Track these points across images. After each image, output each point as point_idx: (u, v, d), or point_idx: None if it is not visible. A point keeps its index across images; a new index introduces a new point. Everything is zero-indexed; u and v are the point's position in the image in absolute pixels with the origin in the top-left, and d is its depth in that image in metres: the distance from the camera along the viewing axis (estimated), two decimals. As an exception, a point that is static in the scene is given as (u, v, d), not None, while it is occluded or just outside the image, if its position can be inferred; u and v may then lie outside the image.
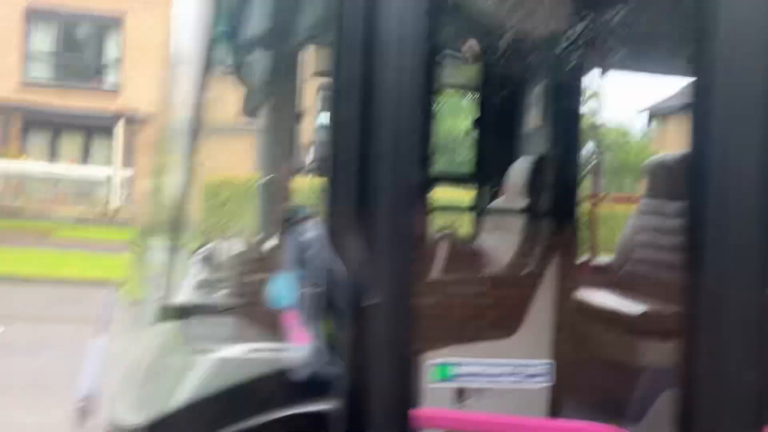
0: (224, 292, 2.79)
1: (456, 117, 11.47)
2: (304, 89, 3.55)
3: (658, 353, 2.97)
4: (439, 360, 2.38)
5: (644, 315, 3.06)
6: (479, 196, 4.01)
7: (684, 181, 3.44)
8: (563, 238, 2.94)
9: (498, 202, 3.63)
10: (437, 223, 3.72)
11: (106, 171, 22.65)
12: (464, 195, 4.24)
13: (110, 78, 24.23)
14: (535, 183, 3.07)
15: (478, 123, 4.04)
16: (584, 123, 3.47)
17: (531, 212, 3.01)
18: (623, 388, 2.99)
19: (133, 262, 3.37)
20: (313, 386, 1.76)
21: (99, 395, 2.44)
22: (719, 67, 1.77)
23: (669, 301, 3.18)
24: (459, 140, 6.26)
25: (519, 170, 3.25)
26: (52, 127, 23.55)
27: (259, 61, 3.43)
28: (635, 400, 2.95)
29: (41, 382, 6.44)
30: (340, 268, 1.71)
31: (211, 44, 2.81)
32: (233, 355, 2.13)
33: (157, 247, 2.71)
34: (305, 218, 1.92)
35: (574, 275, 2.97)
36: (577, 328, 2.89)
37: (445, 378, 2.38)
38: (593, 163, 3.80)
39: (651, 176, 3.83)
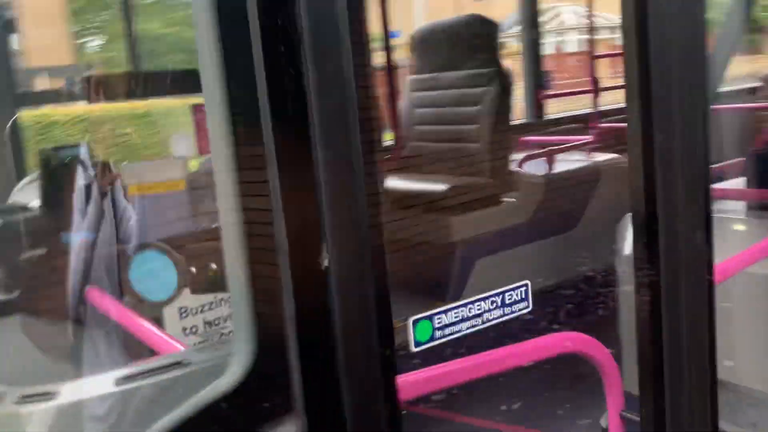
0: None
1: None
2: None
3: (466, 227, 3.23)
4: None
5: (449, 191, 3.25)
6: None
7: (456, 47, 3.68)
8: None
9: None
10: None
11: None
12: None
13: None
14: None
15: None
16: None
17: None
18: (441, 266, 3.23)
19: None
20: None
21: None
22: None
23: (464, 174, 3.46)
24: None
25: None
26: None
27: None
28: (452, 276, 3.21)
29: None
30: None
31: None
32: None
33: None
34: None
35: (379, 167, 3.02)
36: (391, 221, 3.06)
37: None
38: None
39: (418, 48, 3.86)
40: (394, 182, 3.45)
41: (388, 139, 3.94)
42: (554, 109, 5.69)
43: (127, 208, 1.93)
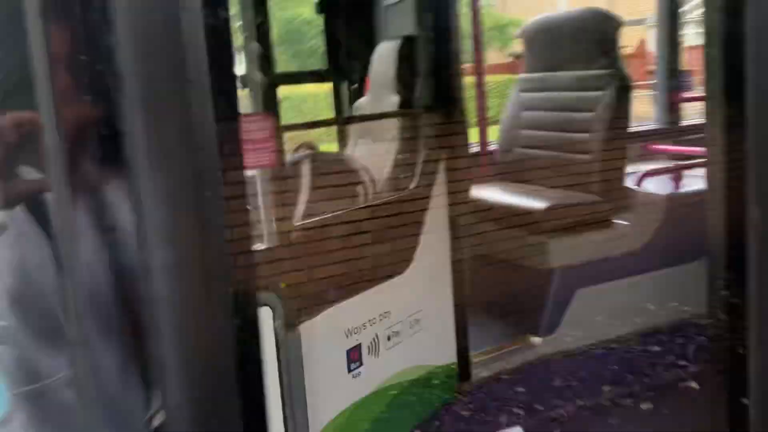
0: None
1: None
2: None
3: (566, 251, 2.83)
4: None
5: (549, 210, 2.86)
6: (337, 97, 3.28)
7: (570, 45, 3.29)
8: (450, 133, 2.45)
9: (363, 102, 3.02)
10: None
11: None
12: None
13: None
14: (405, 70, 2.51)
15: (322, 3, 3.20)
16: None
17: (406, 107, 2.48)
18: (536, 294, 2.84)
19: None
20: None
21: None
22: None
23: (568, 187, 3.03)
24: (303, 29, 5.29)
25: (383, 58, 2.69)
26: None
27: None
28: (548, 306, 2.82)
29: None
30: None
31: None
32: None
33: None
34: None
35: (469, 175, 2.60)
36: (480, 236, 2.67)
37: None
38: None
39: (529, 44, 3.47)
40: (483, 194, 3.09)
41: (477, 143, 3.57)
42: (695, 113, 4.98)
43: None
